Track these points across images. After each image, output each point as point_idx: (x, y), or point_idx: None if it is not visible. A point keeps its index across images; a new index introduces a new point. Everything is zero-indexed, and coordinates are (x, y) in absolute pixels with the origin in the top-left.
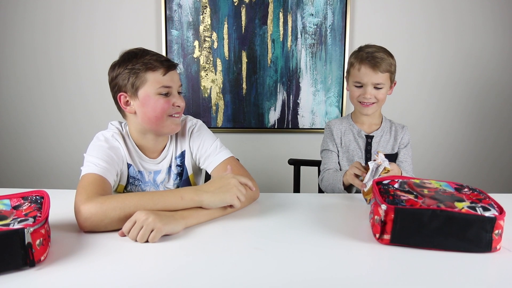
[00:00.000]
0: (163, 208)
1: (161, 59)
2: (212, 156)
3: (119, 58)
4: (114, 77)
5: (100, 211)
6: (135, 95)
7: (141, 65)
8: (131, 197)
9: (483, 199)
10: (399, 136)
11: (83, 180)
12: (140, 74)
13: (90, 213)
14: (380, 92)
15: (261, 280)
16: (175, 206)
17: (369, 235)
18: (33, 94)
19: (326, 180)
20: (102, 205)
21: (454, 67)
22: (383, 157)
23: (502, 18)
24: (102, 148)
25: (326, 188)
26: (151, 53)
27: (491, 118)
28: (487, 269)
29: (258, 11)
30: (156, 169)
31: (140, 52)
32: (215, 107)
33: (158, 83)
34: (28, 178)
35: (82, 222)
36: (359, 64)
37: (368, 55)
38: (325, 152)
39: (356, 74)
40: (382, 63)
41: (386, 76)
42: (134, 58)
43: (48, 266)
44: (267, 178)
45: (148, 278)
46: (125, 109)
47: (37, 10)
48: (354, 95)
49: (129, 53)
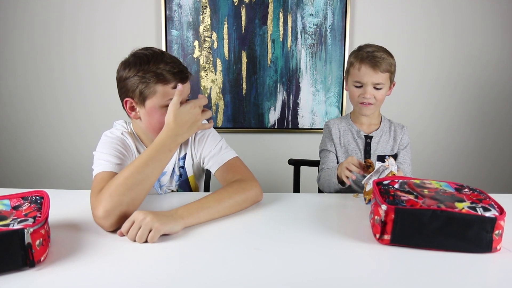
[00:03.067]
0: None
1: (175, 71)
2: (216, 156)
3: (131, 58)
4: (123, 79)
5: (112, 203)
6: (142, 103)
7: (152, 75)
8: (124, 171)
9: (483, 199)
10: (399, 137)
11: (96, 179)
12: (150, 84)
13: (106, 211)
14: (379, 93)
15: (261, 280)
16: (166, 159)
17: (369, 235)
18: (33, 94)
19: (323, 178)
20: (110, 197)
21: (454, 67)
22: (393, 162)
23: (502, 18)
24: (113, 144)
25: (323, 185)
26: (165, 61)
27: (491, 118)
28: (488, 269)
29: (258, 11)
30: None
31: (154, 58)
32: (215, 107)
33: (167, 95)
34: (28, 178)
35: (103, 224)
36: (359, 63)
37: (368, 55)
38: (323, 152)
39: (356, 74)
40: (382, 62)
41: (386, 76)
42: (147, 64)
43: (48, 267)
44: (267, 178)
45: (148, 278)
46: (129, 114)
47: (37, 10)
48: (354, 95)
49: (142, 57)
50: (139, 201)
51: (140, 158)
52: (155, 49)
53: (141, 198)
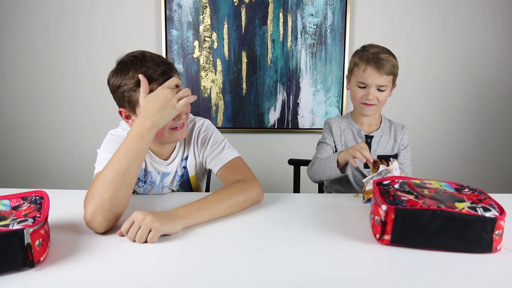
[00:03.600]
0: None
1: (156, 74)
2: (218, 156)
3: (117, 66)
4: (113, 90)
5: (95, 204)
6: (133, 111)
7: (134, 83)
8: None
9: (483, 199)
10: (399, 137)
11: (95, 178)
12: (134, 94)
13: (90, 213)
14: (382, 94)
15: (261, 281)
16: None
17: (369, 236)
18: (33, 94)
19: (317, 163)
20: (93, 198)
21: (453, 67)
22: (396, 166)
23: (502, 18)
24: (116, 144)
25: (316, 171)
26: (145, 65)
27: (491, 118)
28: (488, 269)
29: (258, 11)
30: (166, 171)
31: (133, 64)
32: (215, 107)
33: None
34: (28, 178)
35: (92, 227)
36: (364, 64)
37: (374, 56)
38: (320, 144)
39: (360, 75)
40: (387, 65)
41: (390, 79)
42: (128, 72)
43: (48, 267)
44: (267, 178)
45: (148, 278)
46: (127, 122)
47: (37, 10)
48: (357, 95)
49: (123, 65)
50: (122, 196)
51: (115, 153)
52: (137, 53)
53: (124, 193)
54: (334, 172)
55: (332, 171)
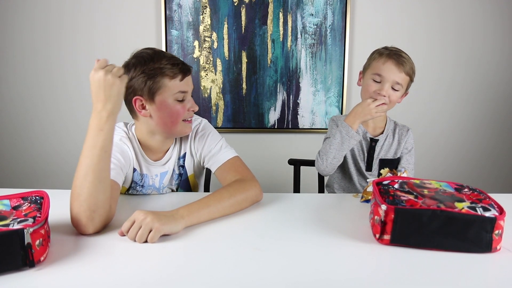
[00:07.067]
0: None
1: (177, 63)
2: (216, 155)
3: (133, 59)
4: (128, 80)
5: (75, 208)
6: (151, 99)
7: (158, 70)
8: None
9: (483, 199)
10: (403, 140)
11: None
12: (157, 79)
13: (73, 218)
14: (395, 94)
15: (261, 281)
16: (102, 141)
17: (369, 235)
18: (33, 94)
19: (326, 145)
20: (72, 204)
21: (454, 67)
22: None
23: (502, 19)
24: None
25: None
26: (166, 56)
27: (491, 118)
28: (487, 269)
29: (258, 11)
30: (163, 171)
31: (155, 55)
32: (215, 107)
33: (175, 88)
34: (28, 178)
35: (79, 231)
36: (385, 58)
37: (395, 53)
38: (327, 140)
39: (379, 67)
40: (407, 63)
41: (406, 80)
42: (151, 62)
43: (48, 267)
44: (267, 178)
45: (148, 278)
46: (139, 113)
47: (37, 10)
48: (370, 88)
49: (144, 56)
50: (99, 193)
51: (81, 153)
52: (155, 48)
53: (101, 190)
54: (352, 138)
55: (350, 140)
